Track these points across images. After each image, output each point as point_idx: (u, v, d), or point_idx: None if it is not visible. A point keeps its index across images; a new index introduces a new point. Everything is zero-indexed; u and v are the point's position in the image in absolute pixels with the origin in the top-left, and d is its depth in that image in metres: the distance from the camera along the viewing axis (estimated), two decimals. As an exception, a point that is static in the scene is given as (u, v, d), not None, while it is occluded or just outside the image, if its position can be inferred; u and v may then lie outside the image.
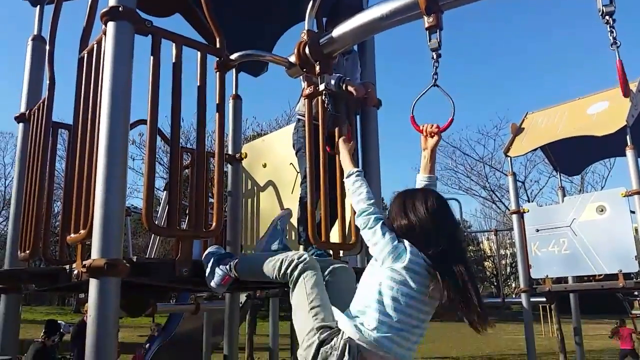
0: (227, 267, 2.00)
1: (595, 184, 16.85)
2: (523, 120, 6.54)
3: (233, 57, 2.19)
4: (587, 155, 7.07)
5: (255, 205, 3.53)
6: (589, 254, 5.52)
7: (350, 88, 2.50)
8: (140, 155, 16.23)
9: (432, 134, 2.12)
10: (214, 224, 2.04)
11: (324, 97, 2.28)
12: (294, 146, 2.92)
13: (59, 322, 12.47)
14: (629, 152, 5.27)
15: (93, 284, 1.67)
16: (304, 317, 1.78)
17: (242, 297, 6.30)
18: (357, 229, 2.39)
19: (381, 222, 1.85)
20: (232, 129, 3.65)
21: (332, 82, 2.44)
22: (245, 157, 3.56)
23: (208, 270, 2.00)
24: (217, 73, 2.17)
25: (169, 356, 6.29)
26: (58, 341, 11.04)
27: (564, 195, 7.12)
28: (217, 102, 2.14)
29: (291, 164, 3.19)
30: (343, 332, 1.68)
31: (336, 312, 1.79)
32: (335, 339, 1.67)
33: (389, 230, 1.82)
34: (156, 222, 1.92)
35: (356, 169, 2.13)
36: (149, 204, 1.86)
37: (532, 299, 6.12)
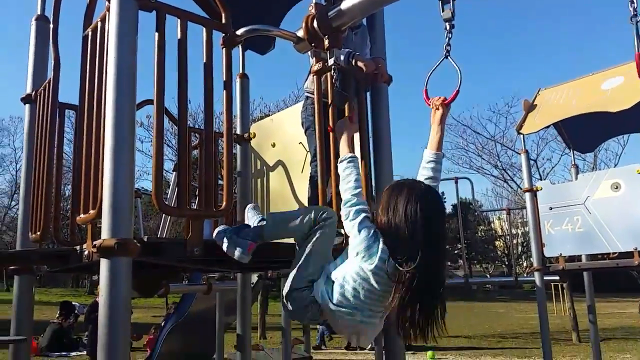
0: (252, 233, 1.99)
1: (608, 161, 16.59)
2: (535, 96, 6.42)
3: (239, 32, 2.14)
4: (601, 131, 6.95)
5: (265, 185, 3.51)
6: (604, 231, 5.45)
7: (359, 63, 2.44)
8: (149, 138, 16.27)
9: (438, 107, 2.10)
10: (224, 203, 2.02)
11: (332, 72, 2.23)
12: (302, 125, 2.88)
13: (73, 303, 12.72)
14: (645, 128, 5.16)
15: (104, 264, 1.66)
16: (301, 259, 1.93)
17: (254, 278, 6.33)
18: None
19: (362, 215, 1.87)
20: (240, 108, 3.62)
21: (342, 57, 2.38)
22: (254, 136, 3.53)
23: (226, 243, 1.95)
24: (224, 49, 2.12)
25: (182, 336, 6.35)
26: (73, 322, 11.29)
27: (577, 173, 7.00)
28: (224, 79, 2.10)
29: (300, 143, 3.15)
30: (314, 290, 1.89)
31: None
32: (307, 291, 1.89)
33: (367, 227, 1.83)
34: (166, 203, 1.90)
35: (350, 155, 2.10)
36: (158, 184, 1.84)
37: (545, 278, 6.07)
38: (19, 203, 2.87)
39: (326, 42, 2.15)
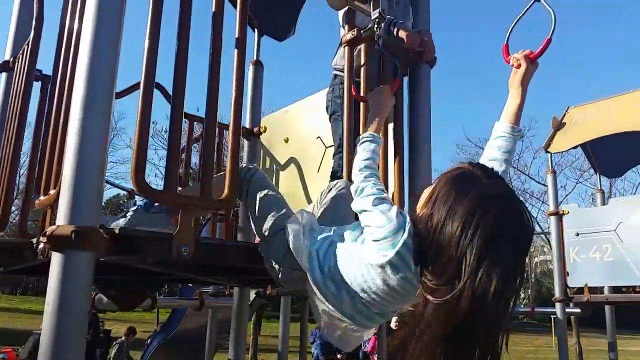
0: None
1: (624, 191, 16.17)
2: (564, 114, 6.00)
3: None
4: (633, 155, 6.50)
5: (275, 186, 3.04)
6: (637, 261, 4.97)
7: (402, 33, 1.99)
8: (154, 145, 15.88)
9: (520, 64, 1.59)
10: (225, 191, 1.55)
11: (375, 27, 1.76)
12: (327, 109, 2.42)
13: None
14: (690, 151, 4.72)
15: (55, 259, 1.18)
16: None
17: (252, 295, 5.82)
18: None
19: (372, 198, 1.40)
20: (251, 99, 3.19)
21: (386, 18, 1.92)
22: (265, 131, 3.09)
23: None
24: (239, 2, 1.68)
25: (168, 356, 5.82)
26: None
27: (603, 199, 6.58)
28: (237, 35, 1.64)
29: (318, 137, 2.70)
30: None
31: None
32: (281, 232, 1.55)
33: (383, 212, 1.33)
34: (149, 184, 1.42)
35: (368, 134, 1.68)
36: (140, 156, 1.37)
37: (567, 310, 5.55)
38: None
39: (370, -12, 1.70)
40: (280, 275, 1.56)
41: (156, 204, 1.73)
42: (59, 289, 1.15)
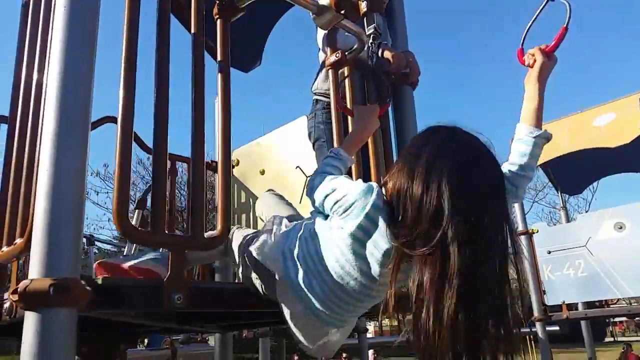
0: None
1: (578, 207, 16.72)
2: (522, 135, 6.12)
3: (242, -5, 1.56)
4: (591, 172, 6.68)
5: (252, 221, 2.87)
6: (610, 275, 5.02)
7: (387, 54, 1.91)
8: (106, 189, 15.29)
9: (535, 60, 1.43)
10: (218, 226, 1.40)
11: (371, 43, 1.66)
12: (310, 136, 2.30)
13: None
14: (648, 163, 4.87)
15: (30, 320, 0.99)
16: None
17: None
18: None
19: (339, 177, 1.39)
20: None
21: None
22: (237, 164, 2.95)
23: None
24: (219, 21, 1.57)
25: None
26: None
27: (567, 217, 6.70)
28: (221, 58, 1.53)
29: (298, 167, 2.57)
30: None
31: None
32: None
33: (352, 180, 1.34)
34: (134, 225, 1.26)
35: (339, 150, 1.55)
36: (122, 197, 1.20)
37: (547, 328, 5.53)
38: None
39: (363, 5, 1.58)
40: (264, 287, 1.45)
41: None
42: (38, 357, 0.96)
